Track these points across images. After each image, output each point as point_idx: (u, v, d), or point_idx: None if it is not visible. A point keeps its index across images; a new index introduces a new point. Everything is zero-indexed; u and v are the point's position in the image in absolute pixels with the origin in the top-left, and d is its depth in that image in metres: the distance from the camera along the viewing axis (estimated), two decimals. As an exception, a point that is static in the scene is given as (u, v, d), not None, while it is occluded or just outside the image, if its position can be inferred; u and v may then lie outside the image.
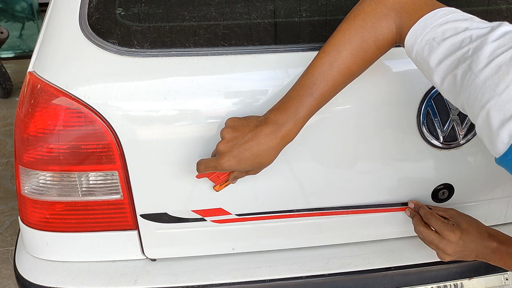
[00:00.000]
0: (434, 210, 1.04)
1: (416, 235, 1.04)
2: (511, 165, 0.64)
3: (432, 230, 1.00)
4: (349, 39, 0.81)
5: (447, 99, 0.72)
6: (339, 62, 0.81)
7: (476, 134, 1.00)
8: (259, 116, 0.87)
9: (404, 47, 0.79)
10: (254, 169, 0.88)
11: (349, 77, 0.83)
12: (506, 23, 0.69)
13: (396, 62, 0.96)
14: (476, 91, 0.65)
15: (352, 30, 0.81)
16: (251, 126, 0.85)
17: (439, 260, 1.02)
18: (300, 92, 0.83)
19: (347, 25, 0.81)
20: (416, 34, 0.75)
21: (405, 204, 1.08)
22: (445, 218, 1.01)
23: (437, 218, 1.00)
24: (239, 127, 0.86)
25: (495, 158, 0.66)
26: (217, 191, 0.97)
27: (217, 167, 0.86)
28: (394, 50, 0.96)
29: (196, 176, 0.94)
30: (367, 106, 0.97)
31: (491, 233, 0.98)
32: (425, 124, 0.98)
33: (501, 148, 0.63)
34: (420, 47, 0.74)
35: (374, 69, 0.95)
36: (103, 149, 0.94)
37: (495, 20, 0.71)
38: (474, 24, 0.71)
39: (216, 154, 0.87)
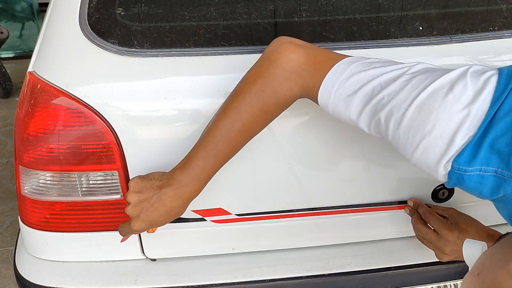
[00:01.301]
0: (433, 209, 1.04)
1: (414, 235, 1.04)
2: (458, 187, 0.69)
3: (431, 229, 1.00)
4: (249, 102, 0.81)
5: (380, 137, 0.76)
6: (240, 124, 0.82)
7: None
8: (163, 174, 0.87)
9: (317, 103, 0.80)
10: (167, 222, 0.89)
11: (250, 135, 0.85)
12: (414, 64, 0.72)
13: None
14: (406, 134, 0.68)
15: (252, 94, 0.81)
16: (154, 188, 0.86)
17: (440, 260, 1.02)
18: (203, 154, 0.83)
19: (247, 88, 0.82)
20: (326, 94, 0.77)
21: (405, 203, 1.08)
22: (444, 217, 1.02)
23: (435, 217, 1.00)
24: (143, 190, 0.87)
25: (445, 182, 0.71)
26: (152, 232, 0.97)
27: (132, 231, 0.89)
28: (392, 51, 0.96)
29: (121, 241, 0.96)
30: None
31: (490, 233, 0.98)
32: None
33: (442, 179, 0.69)
34: (335, 103, 0.76)
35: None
36: (103, 149, 0.94)
37: (495, 23, 0.71)
38: (377, 70, 0.73)
39: (129, 217, 0.89)
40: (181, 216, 1.01)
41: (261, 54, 0.94)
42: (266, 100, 0.81)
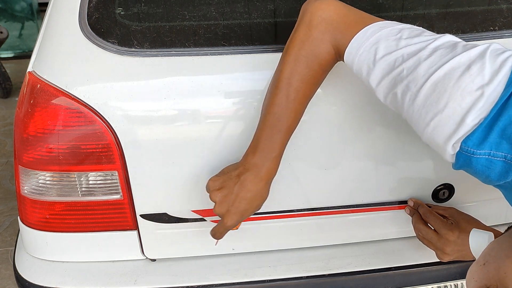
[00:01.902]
0: (434, 208, 1.04)
1: (414, 235, 1.04)
2: (464, 169, 0.69)
3: (431, 228, 1.00)
4: (296, 69, 0.82)
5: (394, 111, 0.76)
6: (294, 94, 0.83)
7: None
8: (236, 164, 0.89)
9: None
10: (257, 208, 0.91)
11: (306, 102, 0.86)
12: (438, 37, 0.71)
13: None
14: (419, 109, 0.68)
15: (297, 61, 0.82)
16: (233, 179, 0.88)
17: (440, 260, 1.02)
18: (268, 132, 0.85)
19: (289, 57, 0.83)
20: (352, 56, 0.77)
21: (406, 203, 1.08)
22: (444, 217, 1.01)
23: (435, 217, 1.00)
24: (223, 185, 0.89)
25: (451, 164, 0.71)
26: (236, 229, 0.98)
27: (227, 228, 0.92)
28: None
29: (215, 244, 1.00)
30: (368, 106, 0.97)
31: None
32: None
33: (450, 159, 0.68)
34: (358, 67, 0.76)
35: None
36: (102, 149, 0.94)
37: (496, 23, 0.71)
38: (403, 41, 0.72)
39: (220, 216, 0.91)
40: (180, 217, 1.02)
41: (261, 54, 0.94)
42: (311, 65, 0.82)
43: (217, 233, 0.94)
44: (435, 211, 1.02)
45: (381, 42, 0.73)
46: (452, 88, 0.65)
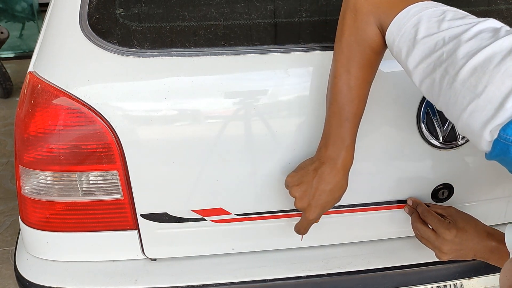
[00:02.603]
0: (432, 207, 1.04)
1: (413, 234, 1.04)
2: (499, 160, 0.66)
3: (429, 228, 1.00)
4: (350, 56, 0.82)
5: (427, 98, 0.73)
6: (353, 80, 0.83)
7: (476, 134, 1.00)
8: (312, 158, 0.92)
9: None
10: (338, 200, 0.93)
11: (367, 86, 0.85)
12: (482, 20, 0.68)
13: (396, 62, 0.96)
14: (456, 94, 0.65)
15: (348, 47, 0.82)
16: (311, 173, 0.90)
17: (439, 260, 1.02)
18: (335, 122, 0.86)
19: (341, 44, 0.83)
20: (393, 36, 0.75)
21: (405, 203, 1.08)
22: (443, 216, 1.01)
23: (433, 216, 1.00)
24: (301, 180, 0.91)
25: (485, 154, 0.67)
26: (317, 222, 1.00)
27: (310, 222, 0.94)
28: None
29: (301, 240, 1.02)
30: (367, 106, 0.97)
31: (490, 232, 0.98)
32: (425, 124, 0.98)
33: (486, 147, 0.65)
34: (398, 49, 0.74)
35: (374, 69, 0.95)
36: (103, 149, 0.94)
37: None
38: (445, 23, 0.69)
39: (302, 211, 0.94)
40: (180, 216, 1.02)
41: (261, 54, 0.94)
42: (363, 50, 0.81)
43: (301, 228, 0.97)
44: (433, 210, 1.02)
45: (422, 23, 0.71)
46: (492, 72, 0.61)
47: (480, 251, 0.97)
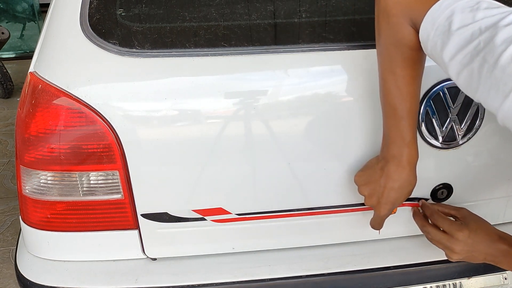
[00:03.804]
0: (445, 207, 1.03)
1: (415, 234, 1.04)
2: None
3: (439, 229, 0.99)
4: (390, 58, 0.83)
5: (464, 92, 0.71)
6: (400, 79, 0.83)
7: (475, 134, 1.01)
8: (377, 158, 0.94)
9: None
10: (407, 195, 0.94)
11: (416, 82, 0.85)
12: None
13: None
14: (497, 81, 0.62)
15: (387, 50, 0.83)
16: (378, 172, 0.92)
17: (439, 259, 1.02)
18: (392, 122, 0.88)
19: (380, 47, 0.84)
20: (427, 31, 0.73)
21: (404, 202, 1.08)
22: (455, 217, 1.01)
23: (443, 218, 0.99)
24: (369, 179, 0.94)
25: None
26: (394, 213, 1.03)
27: (382, 218, 0.97)
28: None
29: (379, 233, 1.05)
30: (367, 106, 0.98)
31: (502, 236, 0.97)
32: (424, 124, 0.98)
33: None
34: (433, 43, 0.72)
35: (373, 70, 0.95)
36: (104, 149, 0.94)
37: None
38: (481, 13, 0.67)
39: (373, 208, 0.97)
40: (181, 216, 1.02)
41: (261, 55, 0.94)
42: (402, 50, 0.81)
43: (375, 224, 1.00)
44: (445, 211, 1.02)
45: (456, 15, 0.69)
46: None
47: (492, 254, 0.96)
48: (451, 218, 1.02)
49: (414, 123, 0.87)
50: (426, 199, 1.08)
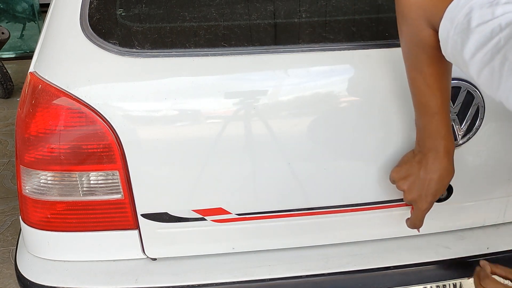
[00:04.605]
0: (503, 270, 0.95)
1: (415, 234, 1.04)
2: None
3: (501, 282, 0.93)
4: (415, 59, 0.84)
5: (485, 92, 0.69)
6: (428, 77, 0.84)
7: (475, 134, 1.01)
8: (413, 152, 0.95)
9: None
10: (447, 185, 0.95)
11: (445, 77, 0.86)
12: None
13: (395, 62, 0.96)
14: None
15: (410, 51, 0.84)
16: (415, 165, 0.93)
17: (439, 259, 1.02)
18: (425, 119, 0.88)
19: (404, 49, 0.85)
20: (446, 29, 0.72)
21: (403, 201, 1.07)
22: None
23: (497, 283, 0.92)
24: (407, 173, 0.94)
25: None
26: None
27: (424, 212, 0.96)
28: (392, 52, 0.97)
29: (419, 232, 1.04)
30: (367, 106, 0.98)
31: None
32: (424, 124, 0.98)
33: None
34: (453, 41, 0.71)
35: (373, 69, 0.95)
36: (104, 149, 0.94)
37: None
38: (500, 9, 0.65)
39: (414, 205, 0.97)
40: (181, 216, 1.02)
41: (261, 55, 0.94)
42: (425, 51, 0.81)
43: (417, 222, 0.98)
44: (502, 274, 0.95)
45: (474, 11, 0.67)
46: None
47: None
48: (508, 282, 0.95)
49: (448, 116, 0.88)
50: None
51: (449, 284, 1.10)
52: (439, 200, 1.09)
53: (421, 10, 0.78)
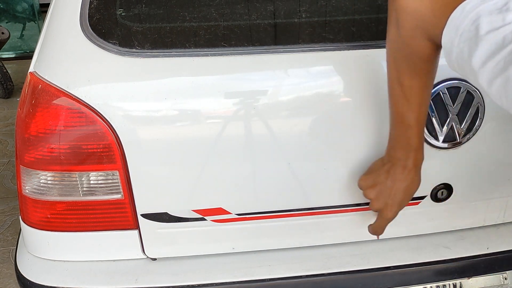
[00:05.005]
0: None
1: (415, 234, 1.04)
2: None
3: None
4: (399, 69, 0.81)
5: (496, 102, 0.65)
6: (408, 90, 0.83)
7: (475, 134, 1.01)
8: (382, 160, 0.94)
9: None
10: (412, 195, 0.95)
11: (424, 92, 0.84)
12: None
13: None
14: None
15: (396, 61, 0.81)
16: (384, 174, 0.93)
17: (439, 259, 1.02)
18: (400, 130, 0.88)
19: (389, 58, 0.83)
20: (451, 38, 0.68)
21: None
22: None
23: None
24: (375, 181, 0.94)
25: None
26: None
27: (388, 220, 0.96)
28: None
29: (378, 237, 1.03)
30: (366, 106, 0.98)
31: None
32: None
33: None
34: (459, 49, 0.66)
35: (373, 70, 0.95)
36: (103, 149, 0.94)
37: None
38: (511, 15, 0.61)
39: (378, 213, 0.96)
40: (181, 216, 1.02)
41: (261, 55, 0.94)
42: (412, 61, 0.79)
43: (378, 229, 0.98)
44: None
45: (483, 17, 0.63)
46: None
47: None
48: None
49: (421, 130, 0.88)
50: (427, 200, 1.07)
51: (449, 284, 1.10)
52: (439, 200, 1.09)
53: (418, 20, 0.74)
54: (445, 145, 1.01)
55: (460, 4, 0.67)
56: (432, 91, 0.96)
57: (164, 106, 0.93)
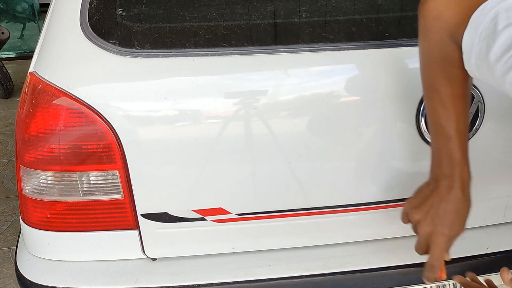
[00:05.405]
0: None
1: (415, 234, 1.04)
2: None
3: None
4: (433, 76, 0.79)
5: (510, 95, 0.65)
6: (446, 98, 0.79)
7: (475, 133, 1.01)
8: (427, 182, 0.87)
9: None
10: (465, 219, 0.86)
11: (463, 101, 0.81)
12: None
13: (395, 62, 0.96)
14: None
15: (430, 68, 0.79)
16: (429, 193, 0.85)
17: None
18: (440, 143, 0.82)
19: (423, 65, 0.81)
20: (471, 38, 0.69)
21: (403, 201, 1.07)
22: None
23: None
24: (420, 203, 0.86)
25: None
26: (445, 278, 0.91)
27: (442, 250, 0.86)
28: (392, 52, 0.97)
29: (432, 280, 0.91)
30: (366, 105, 0.98)
31: None
32: (424, 123, 0.98)
33: None
34: (479, 49, 0.67)
35: (373, 69, 0.95)
36: (104, 149, 0.94)
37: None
38: None
39: (428, 240, 0.86)
40: (181, 216, 1.02)
41: (261, 55, 0.94)
42: (445, 68, 0.77)
43: (435, 262, 0.88)
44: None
45: (501, 14, 0.64)
46: None
47: None
48: None
49: (464, 142, 0.82)
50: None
51: (449, 284, 1.10)
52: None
53: (444, 23, 0.74)
54: (445, 145, 1.01)
55: (481, 5, 0.68)
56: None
57: (164, 106, 0.93)
